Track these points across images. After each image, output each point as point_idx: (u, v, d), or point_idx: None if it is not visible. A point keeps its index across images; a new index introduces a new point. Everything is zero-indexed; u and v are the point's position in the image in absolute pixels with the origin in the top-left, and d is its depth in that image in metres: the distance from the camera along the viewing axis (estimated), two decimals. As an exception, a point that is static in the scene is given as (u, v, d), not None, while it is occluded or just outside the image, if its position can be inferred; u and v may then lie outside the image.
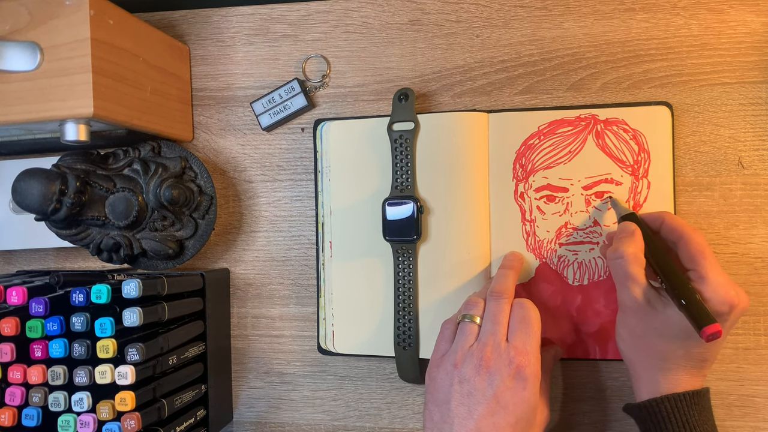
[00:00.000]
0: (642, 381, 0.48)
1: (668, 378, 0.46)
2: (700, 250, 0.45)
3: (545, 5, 0.56)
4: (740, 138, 0.53)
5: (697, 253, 0.45)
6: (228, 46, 0.61)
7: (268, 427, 0.61)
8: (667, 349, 0.46)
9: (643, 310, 0.46)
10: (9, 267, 0.66)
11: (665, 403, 0.46)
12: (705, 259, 0.45)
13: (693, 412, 0.45)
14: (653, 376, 0.47)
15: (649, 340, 0.47)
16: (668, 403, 0.46)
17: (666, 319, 0.45)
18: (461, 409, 0.45)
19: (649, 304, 0.46)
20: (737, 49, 0.53)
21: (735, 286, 0.44)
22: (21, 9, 0.47)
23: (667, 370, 0.46)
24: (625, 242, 0.47)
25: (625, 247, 0.47)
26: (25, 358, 0.48)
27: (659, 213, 0.50)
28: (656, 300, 0.46)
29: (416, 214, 0.54)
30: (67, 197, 0.51)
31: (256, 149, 0.61)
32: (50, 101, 0.47)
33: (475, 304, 0.49)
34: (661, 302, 0.45)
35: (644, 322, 0.46)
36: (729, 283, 0.44)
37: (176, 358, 0.52)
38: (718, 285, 0.44)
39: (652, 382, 0.47)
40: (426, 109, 0.58)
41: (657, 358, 0.47)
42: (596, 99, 0.55)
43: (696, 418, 0.45)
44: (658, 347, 0.46)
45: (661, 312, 0.45)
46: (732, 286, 0.44)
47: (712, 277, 0.44)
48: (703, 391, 0.47)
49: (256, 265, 0.61)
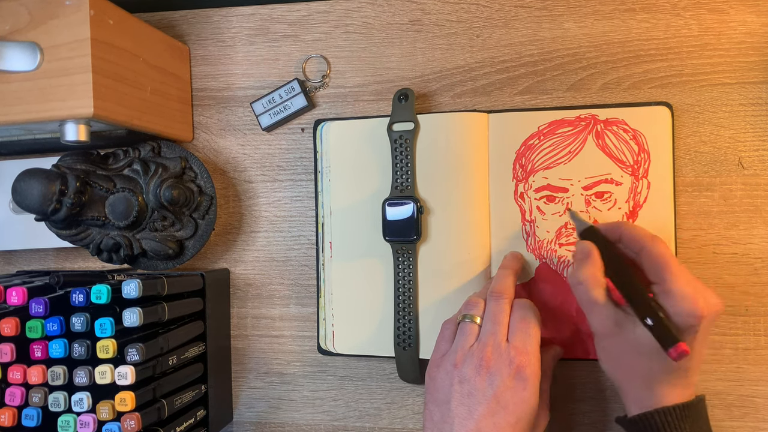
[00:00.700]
0: (630, 397, 0.47)
1: (654, 393, 0.45)
2: (662, 262, 0.43)
3: (545, 5, 0.56)
4: (740, 138, 0.53)
5: (659, 265, 0.43)
6: (228, 46, 0.61)
7: (268, 427, 0.61)
8: (647, 366, 0.45)
9: (614, 332, 0.45)
10: (9, 267, 0.66)
11: (655, 417, 0.45)
12: (667, 271, 0.43)
13: (684, 425, 0.44)
14: (640, 392, 0.46)
15: (627, 360, 0.46)
16: (658, 417, 0.44)
17: (638, 338, 0.44)
18: (461, 409, 0.45)
19: (617, 325, 0.45)
20: (737, 50, 0.53)
21: (703, 294, 0.42)
22: (21, 9, 0.47)
23: (653, 386, 0.45)
24: (584, 266, 0.46)
25: (582, 271, 0.45)
26: (25, 358, 0.48)
27: (617, 224, 0.48)
28: (624, 321, 0.44)
29: (416, 214, 0.54)
30: (67, 197, 0.51)
31: (256, 149, 0.61)
32: (50, 101, 0.47)
33: (475, 304, 0.49)
34: (630, 322, 0.44)
35: (617, 343, 0.45)
36: (696, 293, 0.42)
37: (176, 358, 0.52)
38: (683, 298, 0.42)
39: (639, 397, 0.46)
40: (426, 109, 0.58)
41: (639, 376, 0.45)
42: (596, 99, 0.55)
43: (687, 430, 0.44)
44: (638, 365, 0.45)
45: (631, 331, 0.44)
46: (700, 295, 0.42)
47: (676, 290, 0.42)
48: (694, 402, 0.45)
49: (256, 265, 0.61)
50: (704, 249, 0.54)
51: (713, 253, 0.53)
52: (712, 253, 0.53)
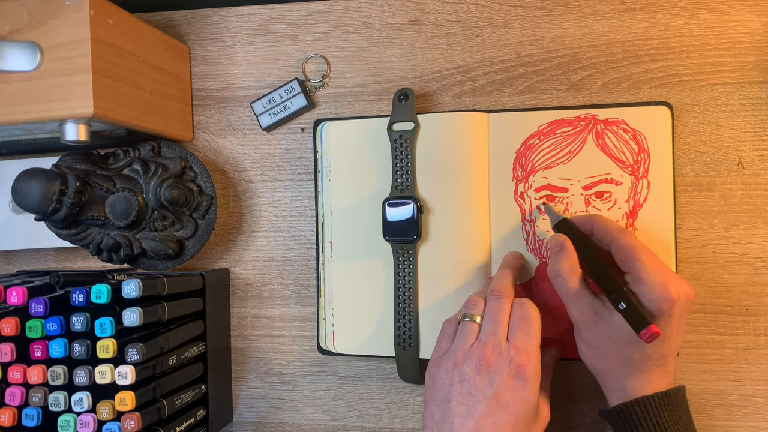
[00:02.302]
0: (610, 388, 0.48)
1: (633, 382, 0.46)
2: (631, 252, 0.45)
3: (545, 5, 0.56)
4: (740, 138, 0.53)
5: (628, 255, 0.45)
6: (228, 46, 0.61)
7: (268, 427, 0.61)
8: (624, 354, 0.46)
9: (593, 322, 0.46)
10: (9, 267, 0.66)
11: (635, 407, 0.46)
12: (637, 261, 0.44)
13: (663, 413, 0.45)
14: (619, 383, 0.47)
15: (605, 349, 0.47)
16: (637, 407, 0.46)
17: (615, 326, 0.45)
18: (461, 408, 0.45)
19: (596, 314, 0.46)
20: (737, 49, 0.53)
21: (674, 281, 0.44)
22: (21, 9, 0.47)
23: (631, 375, 0.46)
24: (560, 258, 0.48)
25: (560, 263, 0.47)
26: (25, 358, 0.48)
27: (589, 217, 0.50)
28: (602, 309, 0.46)
29: (416, 214, 0.54)
30: (67, 197, 0.51)
31: (256, 149, 0.61)
32: (50, 101, 0.47)
33: (475, 304, 0.49)
34: (607, 310, 0.46)
35: (596, 333, 0.47)
36: (667, 280, 0.44)
37: (176, 358, 0.52)
38: (654, 284, 0.43)
39: (619, 387, 0.47)
40: (426, 109, 0.58)
41: (618, 365, 0.47)
42: (596, 99, 0.55)
43: (667, 418, 0.45)
44: (616, 354, 0.46)
45: (608, 320, 0.46)
46: (671, 282, 0.43)
47: (647, 277, 0.44)
48: (674, 391, 0.46)
49: (256, 265, 0.61)
50: (704, 249, 0.54)
51: (713, 253, 0.53)
52: (712, 253, 0.53)
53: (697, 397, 0.54)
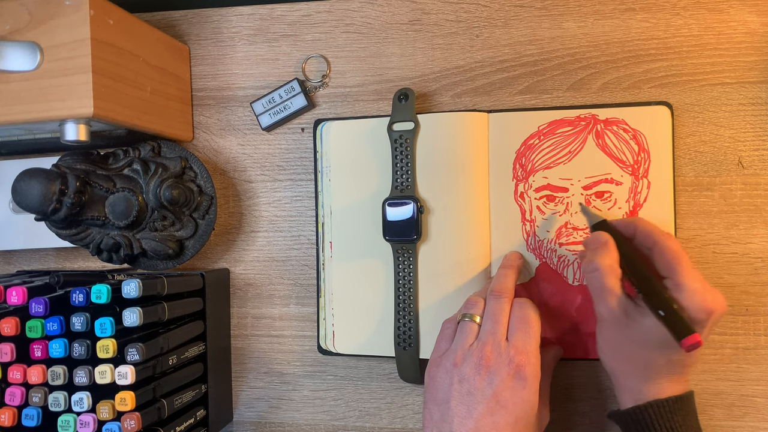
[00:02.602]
0: (624, 389, 0.48)
1: (651, 386, 0.46)
2: (675, 257, 0.44)
3: (545, 5, 0.56)
4: (740, 138, 0.53)
5: (672, 260, 0.44)
6: (228, 46, 0.61)
7: (268, 427, 0.61)
8: (648, 358, 0.45)
9: (621, 322, 0.45)
10: (9, 267, 0.66)
11: (649, 410, 0.45)
12: (680, 266, 0.44)
13: (677, 418, 0.45)
14: (635, 385, 0.47)
15: (629, 351, 0.46)
16: (652, 410, 0.45)
17: (645, 329, 0.44)
18: (461, 408, 0.45)
19: (626, 315, 0.45)
20: (737, 49, 0.53)
21: (712, 292, 0.43)
22: (21, 9, 0.47)
23: (650, 378, 0.46)
24: (600, 253, 0.46)
25: (599, 258, 0.46)
26: (25, 358, 0.48)
27: (632, 219, 0.49)
28: (633, 311, 0.45)
29: (416, 214, 0.54)
30: (67, 197, 0.51)
31: (256, 149, 0.61)
32: (50, 101, 0.47)
33: (475, 304, 0.49)
34: (639, 312, 0.45)
35: (623, 333, 0.46)
36: (706, 289, 0.43)
37: (176, 358, 0.52)
38: (694, 292, 0.43)
39: (634, 390, 0.47)
40: (426, 109, 0.58)
41: (638, 368, 0.46)
42: (596, 99, 0.55)
43: (680, 422, 0.45)
44: (639, 357, 0.46)
45: (639, 322, 0.45)
46: (709, 292, 0.43)
47: (689, 284, 0.43)
48: (687, 396, 0.46)
49: (256, 265, 0.61)
50: (704, 249, 0.54)
51: (713, 253, 0.53)
52: (712, 253, 0.53)
53: (697, 397, 0.53)
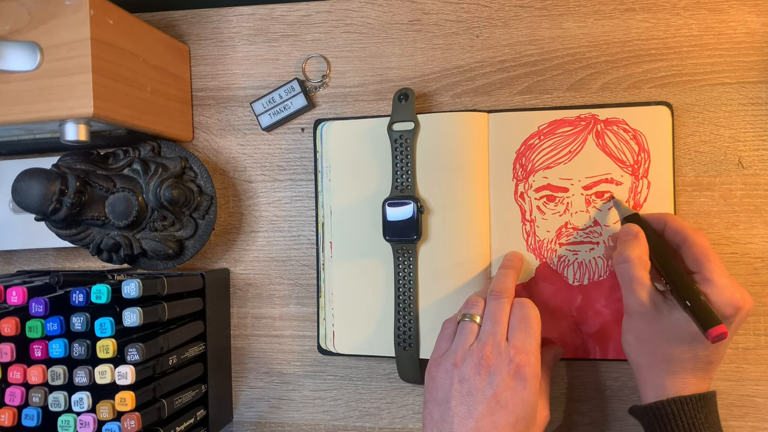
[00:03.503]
0: (648, 384, 0.48)
1: (675, 381, 0.46)
2: (704, 253, 0.45)
3: (545, 5, 0.56)
4: (740, 138, 0.53)
5: (702, 255, 0.45)
6: (228, 46, 0.61)
7: (268, 427, 0.61)
8: (674, 352, 0.46)
9: (650, 314, 0.46)
10: (9, 267, 0.66)
11: (672, 406, 0.46)
12: (710, 262, 0.45)
13: (699, 415, 0.45)
14: (659, 379, 0.47)
15: (655, 344, 0.47)
16: (675, 406, 0.46)
17: (673, 323, 0.45)
18: (461, 408, 0.45)
19: (655, 308, 0.46)
20: (737, 49, 0.53)
21: (740, 288, 0.44)
22: (21, 9, 0.47)
23: (674, 373, 0.46)
24: (630, 245, 0.47)
25: (630, 250, 0.47)
26: (25, 358, 0.48)
27: (662, 215, 0.50)
28: (662, 304, 0.46)
29: (416, 214, 0.54)
30: (67, 197, 0.51)
31: (256, 149, 0.61)
32: (50, 101, 0.47)
33: (475, 304, 0.49)
34: (667, 306, 0.45)
35: (651, 326, 0.46)
36: (734, 286, 0.44)
37: (176, 358, 0.52)
38: (723, 287, 0.43)
39: (658, 384, 0.47)
40: (426, 109, 0.58)
41: (664, 362, 0.47)
42: (596, 99, 0.55)
43: (702, 420, 0.45)
44: (665, 351, 0.46)
45: (667, 316, 0.45)
46: (737, 289, 0.44)
47: (718, 280, 0.44)
48: (710, 395, 0.47)
49: (256, 265, 0.61)
50: (704, 249, 0.54)
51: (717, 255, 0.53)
52: (712, 253, 0.53)
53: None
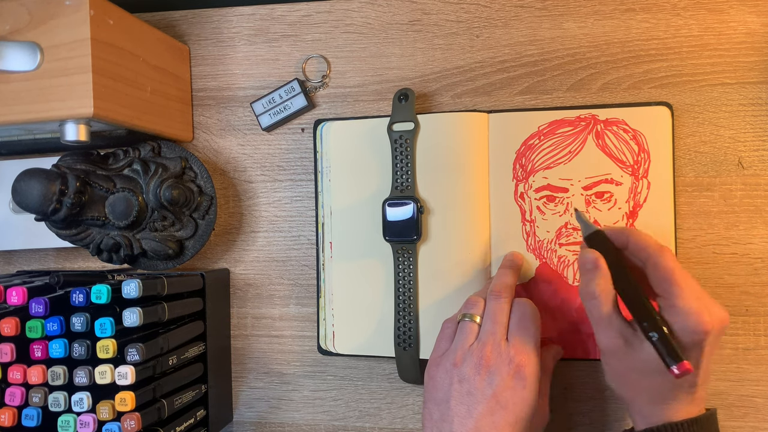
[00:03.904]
0: (635, 412, 0.46)
1: (662, 409, 0.44)
2: (668, 276, 0.42)
3: (545, 5, 0.56)
4: (740, 138, 0.53)
5: (665, 278, 0.42)
6: (228, 46, 0.61)
7: (268, 427, 0.61)
8: (653, 384, 0.44)
9: (622, 351, 0.44)
10: (9, 267, 0.66)
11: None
12: (674, 285, 0.42)
13: None
14: (647, 409, 0.45)
15: (633, 379, 0.45)
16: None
17: (645, 356, 0.42)
18: (461, 408, 0.45)
19: (626, 343, 0.43)
20: (737, 50, 0.53)
21: (709, 308, 0.41)
22: (21, 9, 0.47)
23: (659, 403, 0.44)
24: (594, 279, 0.44)
25: (594, 285, 0.44)
26: (25, 358, 0.48)
27: (625, 230, 0.46)
28: (633, 338, 0.43)
29: (416, 214, 0.54)
30: (67, 197, 0.51)
31: (256, 149, 0.61)
32: (50, 101, 0.47)
33: (475, 304, 0.49)
34: (638, 339, 0.43)
35: (625, 362, 0.44)
36: (701, 307, 0.41)
37: (176, 358, 0.52)
38: (688, 313, 0.41)
39: (646, 414, 0.45)
40: (426, 109, 0.58)
41: (645, 393, 0.45)
42: (596, 99, 0.55)
43: None
44: (644, 384, 0.44)
45: (638, 350, 0.43)
46: (705, 310, 0.41)
47: (683, 305, 0.41)
48: (704, 418, 0.44)
49: (256, 265, 0.61)
50: (704, 249, 0.54)
51: (713, 253, 0.53)
52: (712, 253, 0.53)
53: (697, 397, 0.54)
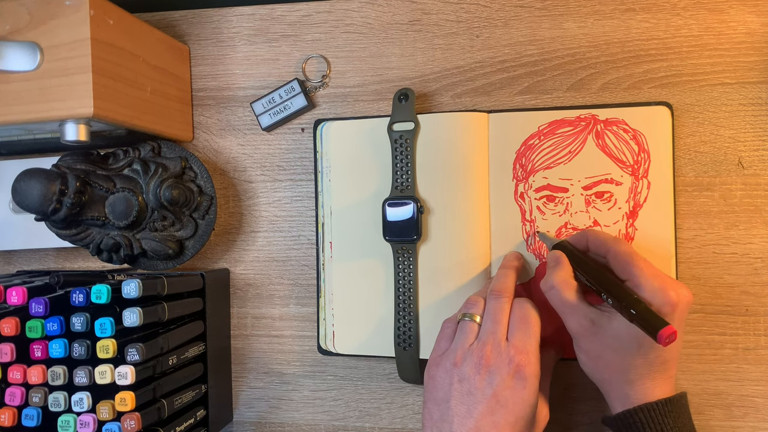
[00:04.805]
0: (612, 396, 0.48)
1: (636, 389, 0.46)
2: (628, 260, 0.45)
3: (545, 5, 0.56)
4: (740, 138, 0.53)
5: (625, 262, 0.45)
6: (228, 46, 0.61)
7: (268, 427, 0.61)
8: (626, 361, 0.45)
9: (590, 331, 0.46)
10: (9, 267, 0.66)
11: (638, 414, 0.45)
12: (634, 267, 0.44)
13: (667, 420, 0.45)
14: (621, 390, 0.47)
15: (606, 358, 0.46)
16: (641, 414, 0.45)
17: (614, 334, 0.45)
18: (461, 408, 0.45)
19: (593, 324, 0.46)
20: (737, 50, 0.53)
21: (673, 286, 0.43)
22: (21, 9, 0.47)
23: (633, 382, 0.46)
24: (554, 271, 0.48)
25: (554, 276, 0.47)
26: (25, 358, 0.48)
27: (582, 232, 0.50)
28: (599, 317, 0.46)
29: (416, 214, 0.54)
30: (67, 197, 0.51)
31: (256, 149, 0.61)
32: (50, 101, 0.47)
33: (475, 303, 0.49)
34: (605, 318, 0.45)
35: (595, 342, 0.46)
36: (666, 284, 0.43)
37: (176, 358, 0.52)
38: (654, 290, 0.43)
39: (622, 395, 0.47)
40: (426, 109, 0.58)
41: (619, 373, 0.46)
42: (596, 99, 0.55)
43: (671, 425, 0.45)
44: (617, 362, 0.46)
45: (607, 328, 0.45)
46: (670, 287, 0.43)
47: (647, 283, 0.43)
48: (677, 398, 0.46)
49: (256, 265, 0.61)
50: (704, 249, 0.54)
51: (713, 253, 0.53)
52: (712, 253, 0.53)
53: (697, 397, 0.54)
